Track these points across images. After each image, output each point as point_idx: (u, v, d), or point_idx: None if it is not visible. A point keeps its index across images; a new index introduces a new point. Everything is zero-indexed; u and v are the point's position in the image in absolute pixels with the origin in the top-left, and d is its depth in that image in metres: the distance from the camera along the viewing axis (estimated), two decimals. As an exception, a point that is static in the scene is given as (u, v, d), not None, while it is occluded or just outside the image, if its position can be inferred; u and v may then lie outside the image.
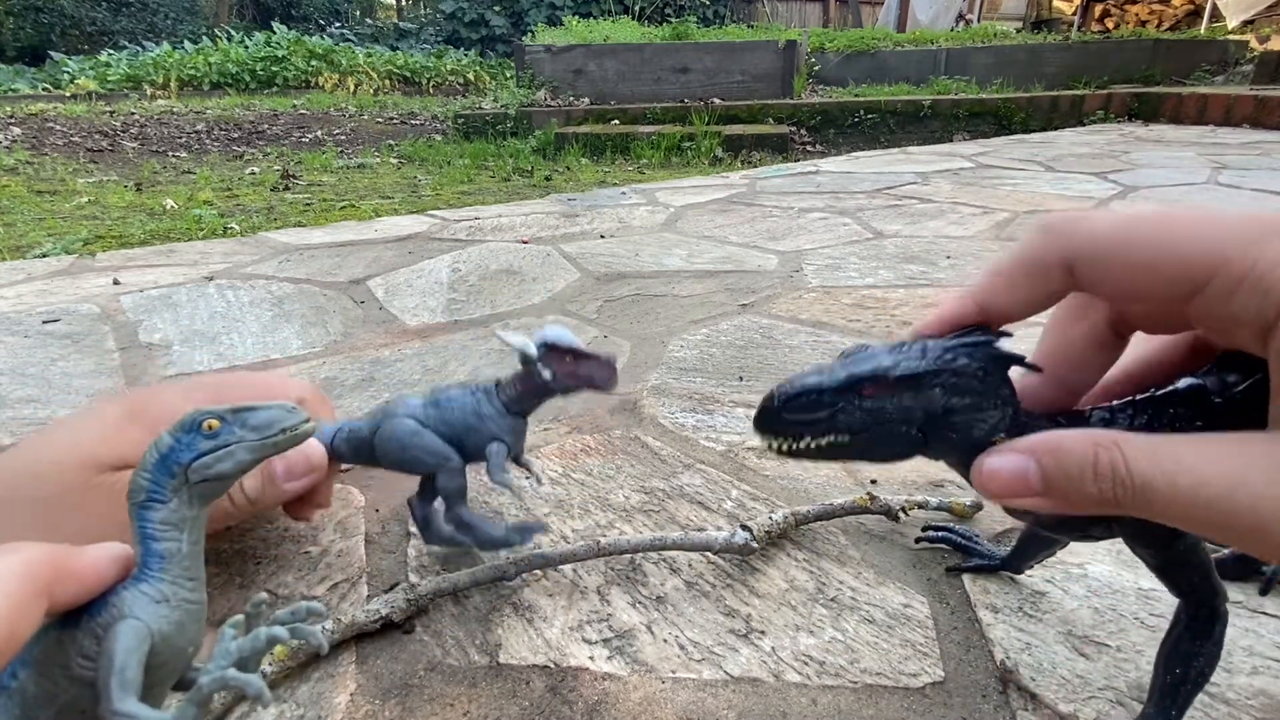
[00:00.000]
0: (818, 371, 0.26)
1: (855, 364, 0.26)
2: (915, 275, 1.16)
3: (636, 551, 0.49)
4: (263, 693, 0.28)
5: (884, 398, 0.25)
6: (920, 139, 3.56)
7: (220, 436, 0.30)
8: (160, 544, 0.29)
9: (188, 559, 0.30)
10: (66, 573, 0.26)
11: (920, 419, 0.25)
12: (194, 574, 0.30)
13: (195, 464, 0.30)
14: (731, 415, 0.71)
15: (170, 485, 0.29)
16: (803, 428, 0.26)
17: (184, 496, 0.30)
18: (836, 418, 0.25)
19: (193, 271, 1.24)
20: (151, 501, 0.29)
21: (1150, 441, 0.22)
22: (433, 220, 1.66)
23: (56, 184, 2.49)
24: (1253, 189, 1.83)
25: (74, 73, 6.33)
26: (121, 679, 0.26)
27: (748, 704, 0.39)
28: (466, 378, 0.81)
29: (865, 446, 0.26)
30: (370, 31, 10.01)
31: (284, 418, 0.31)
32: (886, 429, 0.25)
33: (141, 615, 0.27)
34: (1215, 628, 0.30)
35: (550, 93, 4.02)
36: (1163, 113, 3.74)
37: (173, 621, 0.28)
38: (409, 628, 0.44)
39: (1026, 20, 8.65)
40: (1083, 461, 0.22)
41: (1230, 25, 6.30)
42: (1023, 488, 0.24)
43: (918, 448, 0.26)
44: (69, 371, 0.84)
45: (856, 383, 0.25)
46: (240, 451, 0.30)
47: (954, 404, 0.25)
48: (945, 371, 0.25)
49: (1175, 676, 0.31)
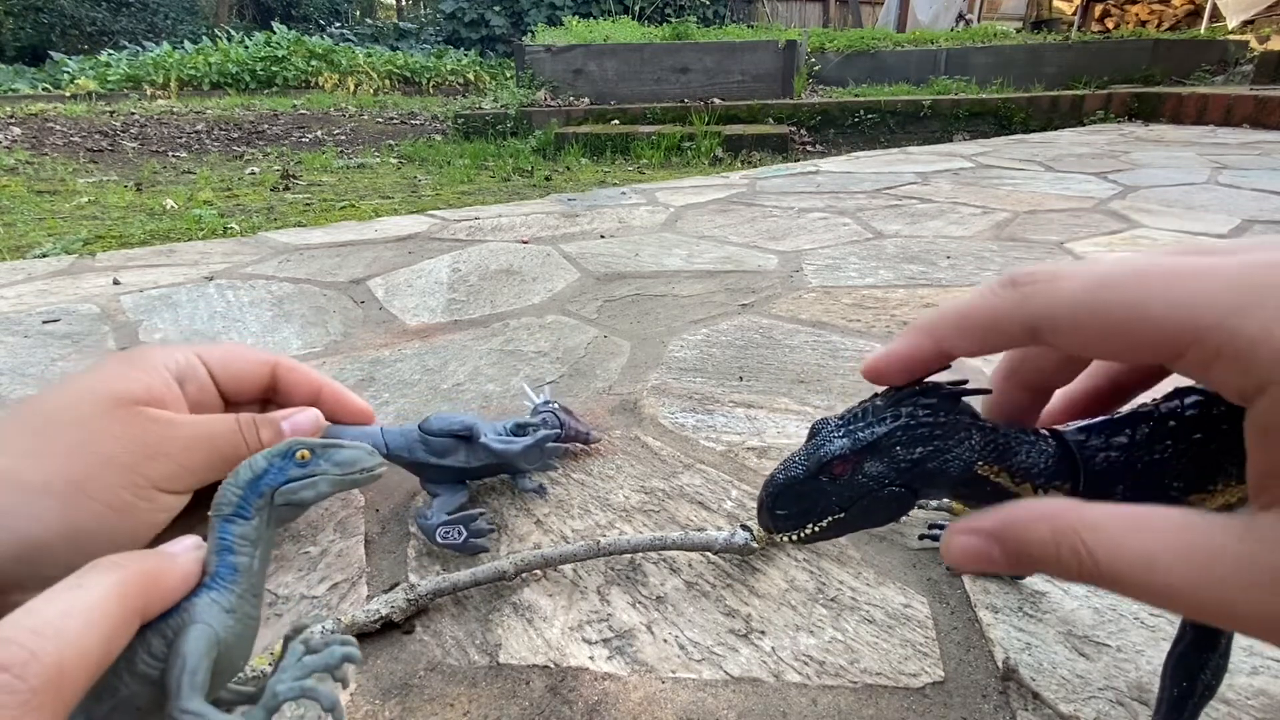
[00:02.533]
0: (788, 465, 0.27)
1: (818, 446, 0.26)
2: (915, 275, 1.16)
3: (636, 551, 0.49)
4: (337, 706, 0.29)
5: (854, 471, 0.26)
6: (920, 139, 3.56)
7: (309, 466, 0.33)
8: (236, 557, 0.30)
9: (256, 575, 0.31)
10: (160, 591, 0.28)
11: (895, 477, 0.26)
12: (257, 590, 0.31)
13: (283, 488, 0.32)
14: (731, 415, 0.71)
15: (256, 504, 0.31)
16: (799, 519, 0.27)
17: (265, 516, 0.32)
18: (822, 501, 0.26)
19: (193, 271, 1.24)
20: (237, 516, 0.31)
21: (1114, 525, 0.21)
22: (433, 220, 1.66)
23: (56, 184, 2.49)
24: (1253, 189, 1.83)
25: (74, 73, 6.33)
26: (192, 680, 0.27)
27: (748, 704, 0.39)
28: (466, 378, 0.81)
29: (862, 516, 0.27)
30: (370, 31, 10.01)
31: (364, 459, 0.35)
32: (871, 497, 0.26)
33: (213, 622, 0.28)
34: (1221, 639, 0.30)
35: (550, 93, 4.02)
36: (1163, 113, 3.74)
37: (235, 633, 0.29)
38: (409, 628, 0.44)
39: (1026, 20, 8.66)
40: (1043, 548, 0.22)
41: (1230, 25, 6.30)
42: (987, 564, 0.23)
43: (910, 500, 0.27)
44: (69, 371, 0.84)
45: (823, 466, 0.26)
46: (323, 483, 0.33)
47: (920, 453, 0.26)
48: (897, 429, 0.25)
49: (1183, 689, 0.30)
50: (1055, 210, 1.63)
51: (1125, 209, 1.62)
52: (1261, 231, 1.39)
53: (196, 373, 0.47)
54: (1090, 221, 1.51)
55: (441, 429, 0.52)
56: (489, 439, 0.52)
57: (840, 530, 0.27)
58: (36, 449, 0.39)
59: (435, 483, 0.53)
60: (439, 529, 0.49)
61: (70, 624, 0.23)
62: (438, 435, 0.52)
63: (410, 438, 0.52)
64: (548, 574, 0.49)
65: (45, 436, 0.39)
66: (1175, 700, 0.31)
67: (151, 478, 0.40)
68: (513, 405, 0.74)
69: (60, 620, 0.23)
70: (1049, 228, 1.46)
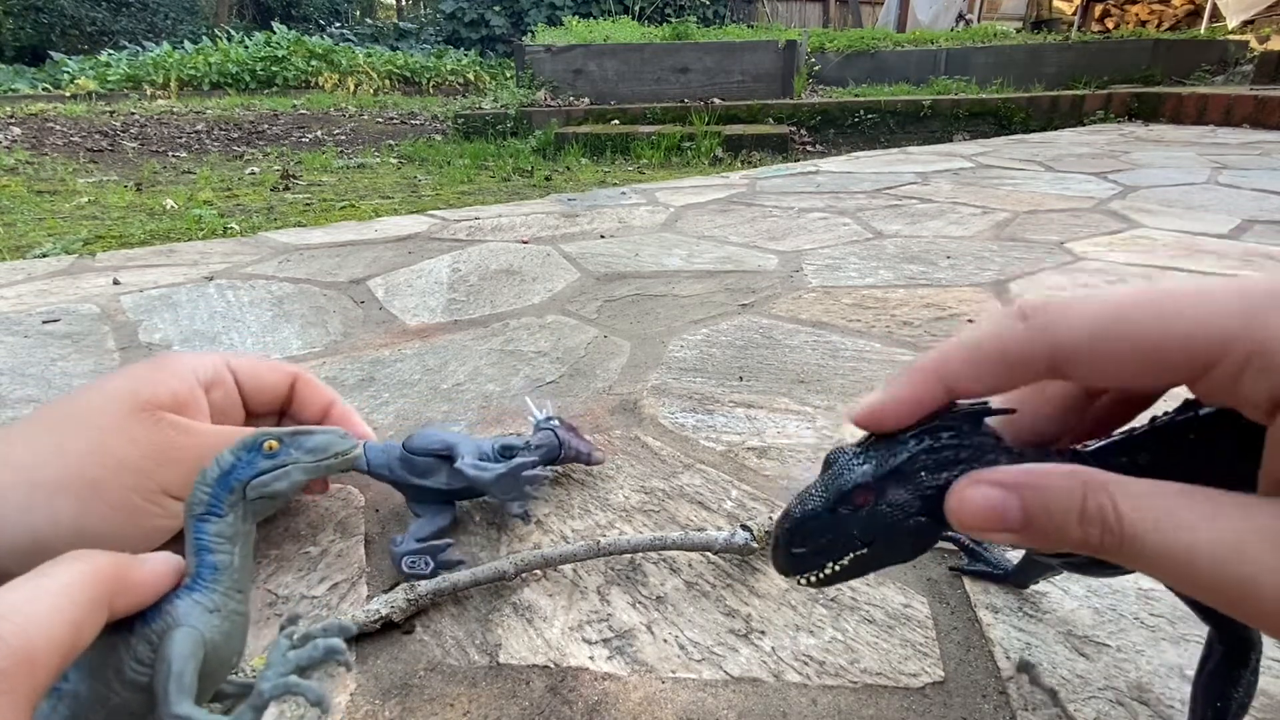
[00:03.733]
0: (804, 499, 0.25)
1: (836, 477, 0.25)
2: (915, 275, 1.16)
3: (636, 551, 0.49)
4: (323, 699, 0.29)
5: (877, 500, 0.24)
6: (920, 139, 3.56)
7: (279, 457, 0.32)
8: (214, 556, 0.30)
9: (238, 572, 0.31)
10: (127, 584, 0.27)
11: (921, 505, 0.24)
12: (242, 586, 0.31)
13: (254, 481, 0.31)
14: (731, 415, 0.71)
15: (228, 500, 0.31)
16: (819, 556, 0.25)
17: (239, 511, 0.31)
18: (842, 536, 0.25)
19: (193, 271, 1.24)
20: (209, 515, 0.30)
21: (1145, 490, 0.21)
22: (433, 220, 1.66)
23: (56, 184, 2.49)
24: (1253, 189, 1.83)
25: (74, 73, 6.33)
26: (180, 683, 0.27)
27: (748, 704, 0.39)
28: (466, 378, 0.81)
29: (885, 550, 0.25)
30: (370, 31, 10.01)
31: (337, 443, 0.34)
32: (895, 528, 0.25)
33: (196, 624, 0.28)
34: (1252, 656, 0.29)
35: (550, 93, 4.02)
36: (1163, 113, 3.74)
37: (223, 631, 0.29)
38: (409, 628, 0.44)
39: (1026, 20, 8.66)
40: (1068, 502, 0.21)
41: (1230, 25, 6.30)
42: (998, 522, 0.22)
43: (935, 532, 0.25)
44: (69, 371, 0.84)
45: (844, 497, 0.24)
46: (296, 472, 0.32)
47: (946, 479, 0.24)
48: (922, 452, 0.24)
49: (1217, 710, 0.29)
50: (1055, 210, 1.63)
51: (1125, 209, 1.62)
52: (1261, 231, 1.39)
53: (224, 380, 0.48)
54: (1090, 221, 1.51)
55: (423, 448, 0.50)
56: (463, 463, 0.49)
57: (862, 569, 0.25)
58: (58, 447, 0.39)
59: (419, 503, 0.51)
60: (405, 557, 0.47)
61: (37, 608, 0.24)
62: (419, 455, 0.50)
63: (391, 455, 0.51)
64: (548, 574, 0.48)
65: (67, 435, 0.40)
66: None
67: (162, 483, 0.40)
68: (512, 406, 0.74)
69: (26, 605, 0.23)
70: (1049, 228, 1.46)
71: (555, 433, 0.56)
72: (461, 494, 0.51)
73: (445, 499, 0.51)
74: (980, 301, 1.03)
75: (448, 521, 0.51)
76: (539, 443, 0.54)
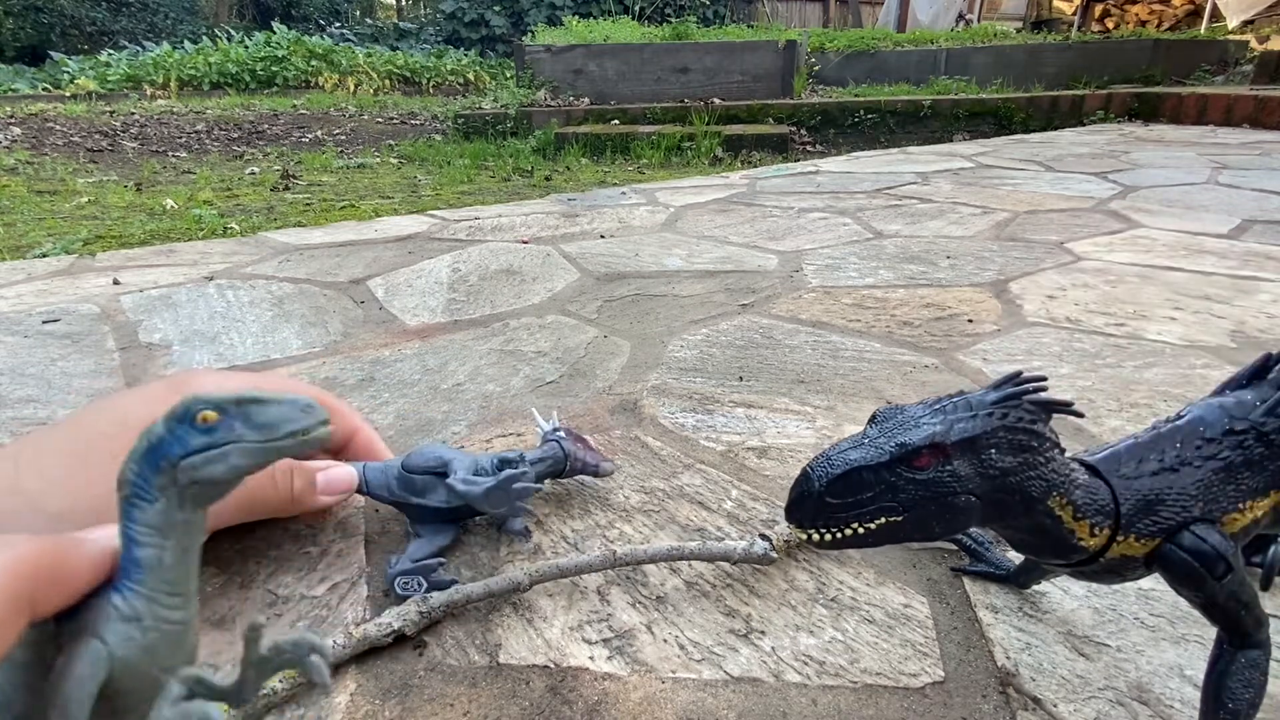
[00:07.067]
0: (855, 444, 0.23)
1: (901, 431, 0.23)
2: (915, 275, 1.16)
3: (654, 561, 0.48)
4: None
5: (940, 466, 0.22)
6: (920, 139, 3.55)
7: (217, 433, 0.25)
8: (140, 550, 0.24)
9: (172, 571, 0.25)
10: (58, 575, 0.24)
11: (977, 484, 0.23)
12: (178, 589, 0.25)
13: (183, 463, 0.24)
14: (731, 415, 0.71)
15: (157, 482, 0.25)
16: (849, 512, 0.23)
17: (173, 497, 0.25)
18: (889, 495, 0.22)
19: (193, 271, 1.24)
20: (137, 499, 0.25)
21: None
22: (433, 220, 1.66)
23: (56, 184, 2.49)
24: (1253, 189, 1.83)
25: (74, 73, 6.32)
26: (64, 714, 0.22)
27: (748, 704, 0.39)
28: (466, 378, 0.81)
29: (919, 523, 0.23)
30: (370, 31, 10.01)
31: (296, 418, 0.25)
32: (943, 501, 0.23)
33: (107, 636, 0.24)
34: (1262, 658, 0.29)
35: (550, 93, 4.02)
36: (1163, 113, 3.74)
37: (141, 645, 0.24)
38: (420, 642, 0.43)
39: (1026, 20, 8.65)
40: None
41: (1230, 25, 6.29)
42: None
43: (976, 516, 0.23)
44: (69, 371, 0.84)
45: (910, 453, 0.22)
46: (235, 455, 0.25)
47: (1010, 463, 0.23)
48: (1001, 429, 0.22)
49: (1228, 711, 0.29)
50: (1055, 210, 1.63)
51: (1125, 209, 1.62)
52: (1261, 231, 1.39)
53: None
54: (1090, 221, 1.51)
55: (420, 465, 0.49)
56: (454, 478, 0.48)
57: (884, 538, 0.23)
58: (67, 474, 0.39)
59: (420, 522, 0.50)
60: (398, 578, 0.45)
61: None
62: (418, 473, 0.49)
63: (389, 474, 0.50)
64: (548, 574, 0.48)
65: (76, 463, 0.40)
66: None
67: None
68: (512, 406, 0.74)
69: None
70: (1049, 228, 1.46)
71: (561, 444, 0.55)
72: (462, 512, 0.50)
73: (446, 518, 0.50)
74: (980, 301, 1.03)
75: (448, 541, 0.50)
76: (541, 455, 0.53)
